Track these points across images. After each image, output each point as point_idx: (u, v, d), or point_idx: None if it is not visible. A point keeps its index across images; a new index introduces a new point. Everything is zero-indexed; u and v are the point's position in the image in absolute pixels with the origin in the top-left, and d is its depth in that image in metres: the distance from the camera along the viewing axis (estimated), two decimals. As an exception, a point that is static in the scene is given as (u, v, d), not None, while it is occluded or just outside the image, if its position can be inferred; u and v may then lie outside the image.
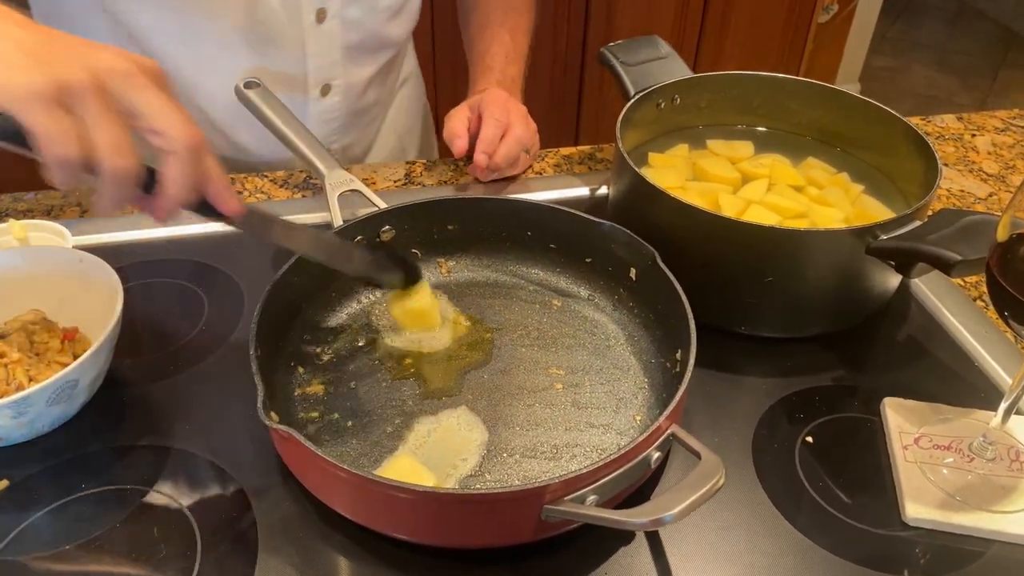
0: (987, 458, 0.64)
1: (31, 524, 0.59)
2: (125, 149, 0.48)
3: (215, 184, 0.53)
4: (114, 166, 0.48)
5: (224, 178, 0.54)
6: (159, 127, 0.49)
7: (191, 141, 0.50)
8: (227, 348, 0.74)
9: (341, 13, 0.95)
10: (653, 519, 0.51)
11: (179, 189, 0.50)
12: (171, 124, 0.49)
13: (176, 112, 0.50)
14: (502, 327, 0.75)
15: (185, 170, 0.50)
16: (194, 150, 0.50)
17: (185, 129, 0.50)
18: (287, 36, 0.93)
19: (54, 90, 0.46)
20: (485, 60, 1.03)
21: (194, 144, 0.50)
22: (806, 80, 0.92)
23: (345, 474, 0.53)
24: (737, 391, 0.72)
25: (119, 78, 0.48)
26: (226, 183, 0.54)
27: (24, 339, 0.66)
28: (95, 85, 0.47)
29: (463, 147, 0.91)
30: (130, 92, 0.49)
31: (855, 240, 0.69)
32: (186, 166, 0.50)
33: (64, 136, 0.46)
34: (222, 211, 0.54)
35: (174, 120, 0.49)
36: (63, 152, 0.47)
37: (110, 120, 0.48)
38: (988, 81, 3.64)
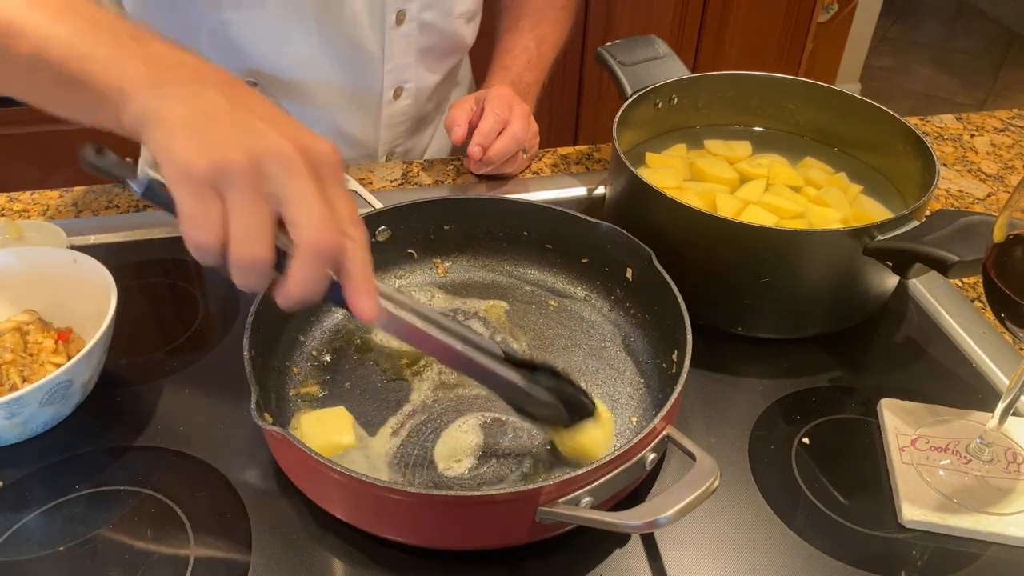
0: (984, 460, 0.63)
1: (24, 525, 0.59)
2: (258, 239, 0.46)
3: (350, 284, 0.49)
4: (242, 255, 0.46)
5: (362, 280, 0.49)
6: (296, 219, 0.46)
7: (320, 243, 0.46)
8: (221, 349, 0.74)
9: (419, 16, 0.96)
10: (648, 521, 0.51)
11: (299, 285, 0.47)
12: (308, 220, 0.46)
13: (319, 208, 0.47)
14: (498, 328, 0.75)
15: (308, 270, 0.47)
16: (320, 254, 0.47)
17: (319, 229, 0.46)
18: (368, 38, 0.94)
19: (208, 173, 0.45)
20: (504, 61, 1.03)
21: (322, 247, 0.47)
22: (804, 80, 0.92)
23: (339, 476, 0.53)
24: (733, 392, 0.71)
25: (277, 163, 0.46)
26: (362, 286, 0.49)
27: (18, 339, 0.66)
28: (250, 169, 0.45)
29: (461, 136, 0.91)
30: (283, 179, 0.46)
31: (852, 241, 0.69)
32: (310, 266, 0.47)
33: (203, 220, 0.45)
34: (354, 315, 0.50)
35: (313, 216, 0.46)
36: (198, 236, 0.46)
37: (252, 208, 0.46)
38: (988, 81, 3.64)
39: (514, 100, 0.95)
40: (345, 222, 0.48)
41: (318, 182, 0.47)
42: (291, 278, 0.47)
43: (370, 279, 0.49)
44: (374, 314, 0.50)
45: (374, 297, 0.50)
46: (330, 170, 0.48)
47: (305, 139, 0.48)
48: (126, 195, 0.95)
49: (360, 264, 0.49)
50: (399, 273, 0.80)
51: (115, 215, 0.92)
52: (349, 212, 0.49)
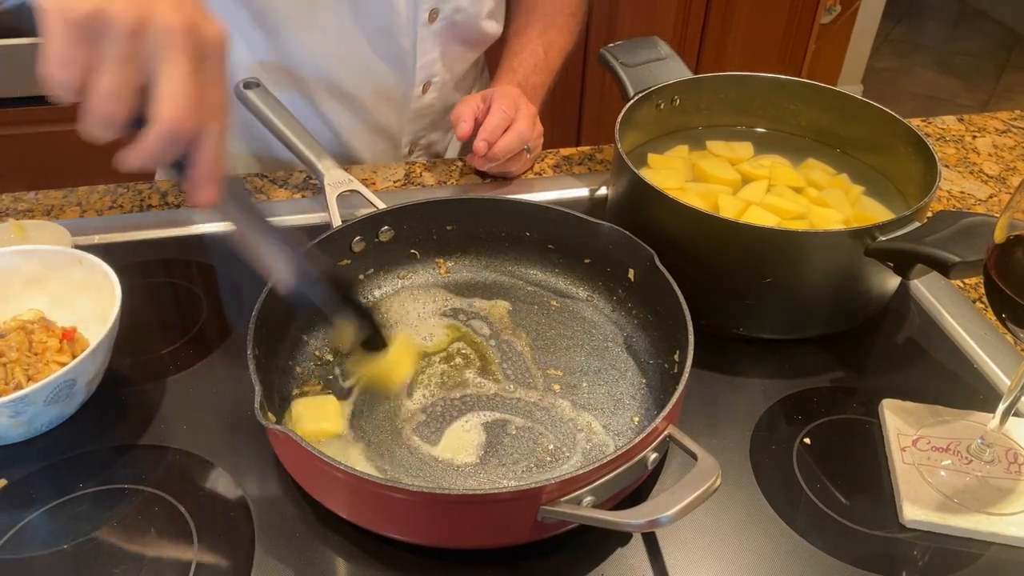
0: (985, 460, 0.64)
1: (29, 523, 0.59)
2: (117, 99, 0.46)
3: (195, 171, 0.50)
4: (98, 109, 0.46)
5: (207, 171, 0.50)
6: (160, 96, 0.47)
7: (177, 124, 0.47)
8: (225, 348, 0.74)
9: (451, 16, 0.97)
10: (649, 520, 0.51)
11: (144, 156, 0.48)
12: (167, 98, 0.47)
13: (182, 91, 0.47)
14: (501, 328, 0.75)
15: (157, 145, 0.47)
16: (174, 134, 0.47)
17: (173, 111, 0.47)
18: (402, 34, 0.96)
19: (87, 19, 0.45)
20: (512, 63, 1.05)
21: (177, 129, 0.47)
22: (806, 81, 0.92)
23: (342, 474, 0.53)
24: (735, 392, 0.72)
25: (160, 34, 0.46)
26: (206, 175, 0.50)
27: (23, 338, 0.66)
28: (131, 31, 0.45)
29: (467, 131, 0.92)
30: (161, 51, 0.46)
31: (854, 241, 0.69)
32: (159, 143, 0.47)
33: (67, 63, 0.45)
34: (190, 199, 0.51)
35: (172, 96, 0.47)
36: (57, 75, 0.45)
37: (121, 68, 0.46)
38: (991, 83, 3.64)
39: (521, 99, 0.96)
40: (210, 110, 0.49)
41: (195, 64, 0.47)
42: (138, 147, 0.48)
43: (215, 169, 0.50)
44: (210, 203, 0.51)
45: (212, 189, 0.51)
46: (212, 55, 0.49)
47: (196, 18, 0.48)
48: (130, 195, 0.95)
49: (210, 153, 0.50)
50: (402, 273, 0.80)
51: (119, 215, 0.92)
52: (217, 100, 0.49)
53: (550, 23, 1.08)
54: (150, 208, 0.93)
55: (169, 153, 0.48)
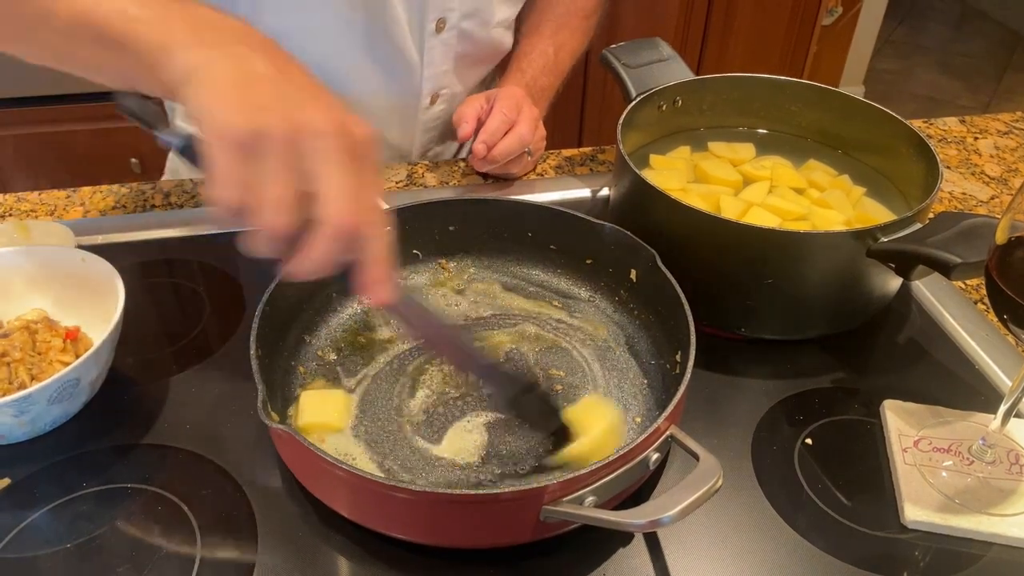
0: (986, 461, 0.64)
1: (32, 523, 0.59)
2: (282, 209, 0.46)
3: (370, 268, 0.50)
4: (264, 223, 0.47)
5: (378, 270, 0.50)
6: (325, 196, 0.47)
7: (345, 223, 0.47)
8: (228, 348, 0.74)
9: (459, 25, 0.97)
10: (651, 520, 0.51)
11: (313, 260, 0.48)
12: (334, 198, 0.47)
13: (345, 190, 0.47)
14: (503, 328, 0.75)
15: (327, 246, 0.47)
16: (343, 232, 0.47)
17: (339, 210, 0.47)
18: (409, 45, 0.95)
19: (247, 136, 0.45)
20: (521, 64, 1.04)
21: (346, 227, 0.47)
22: (808, 82, 0.92)
23: (344, 474, 0.53)
24: (737, 393, 0.72)
25: (314, 139, 0.47)
26: (377, 275, 0.50)
27: (26, 338, 0.67)
28: (288, 140, 0.46)
29: (468, 132, 0.92)
30: (317, 155, 0.47)
31: (855, 242, 0.69)
32: (329, 243, 0.47)
33: (233, 184, 0.46)
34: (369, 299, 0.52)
35: (340, 195, 0.47)
36: (224, 195, 0.46)
37: (283, 178, 0.46)
38: (992, 84, 3.64)
39: (524, 102, 0.95)
40: (371, 206, 0.49)
41: (352, 164, 0.48)
42: (308, 251, 0.48)
43: (388, 265, 0.50)
44: (391, 300, 0.51)
45: (388, 288, 0.51)
46: (365, 153, 0.49)
47: (346, 119, 0.48)
48: (133, 195, 0.95)
49: (380, 248, 0.49)
50: (404, 274, 0.80)
51: (122, 215, 0.92)
52: (375, 198, 0.49)
53: (563, 24, 1.08)
54: (153, 208, 0.94)
55: (338, 254, 0.48)
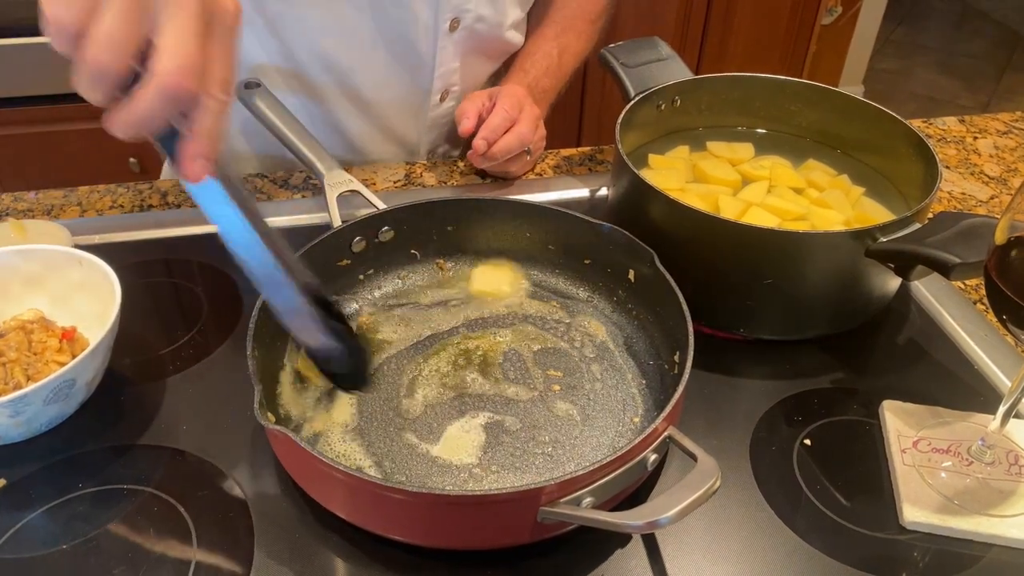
0: (985, 462, 0.63)
1: (28, 523, 0.59)
2: (115, 48, 0.43)
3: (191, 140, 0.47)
4: (95, 57, 0.43)
5: (201, 143, 0.47)
6: (163, 49, 0.44)
7: (177, 82, 0.44)
8: (225, 348, 0.74)
9: (472, 25, 0.97)
10: (648, 521, 0.51)
11: (135, 114, 0.44)
12: (169, 52, 0.43)
13: (187, 48, 0.44)
14: (501, 328, 0.75)
15: (152, 103, 0.44)
16: (173, 92, 0.44)
17: (174, 67, 0.43)
18: (422, 43, 0.96)
19: None
20: (524, 64, 1.04)
21: (177, 87, 0.44)
22: (807, 82, 0.92)
23: (341, 475, 0.53)
24: (735, 393, 0.72)
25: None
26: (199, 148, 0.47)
27: (22, 338, 0.66)
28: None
29: (469, 127, 0.92)
30: (168, 8, 0.43)
31: (854, 242, 0.69)
32: (155, 100, 0.44)
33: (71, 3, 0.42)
34: (180, 171, 0.48)
35: (176, 51, 0.43)
36: (58, 12, 0.42)
37: (126, 16, 0.43)
38: (992, 84, 3.64)
39: (526, 101, 0.95)
40: (215, 80, 0.46)
41: (204, 28, 0.45)
42: (130, 103, 0.44)
43: (211, 144, 0.47)
44: (197, 178, 0.48)
45: (208, 162, 0.47)
46: (224, 24, 0.46)
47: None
48: (130, 195, 0.95)
49: (207, 124, 0.46)
50: (402, 274, 0.80)
51: (119, 215, 0.92)
52: (223, 73, 0.46)
53: (568, 26, 1.08)
54: (150, 208, 0.93)
55: (162, 113, 0.45)
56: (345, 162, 1.05)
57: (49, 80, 1.78)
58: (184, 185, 0.47)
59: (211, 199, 0.50)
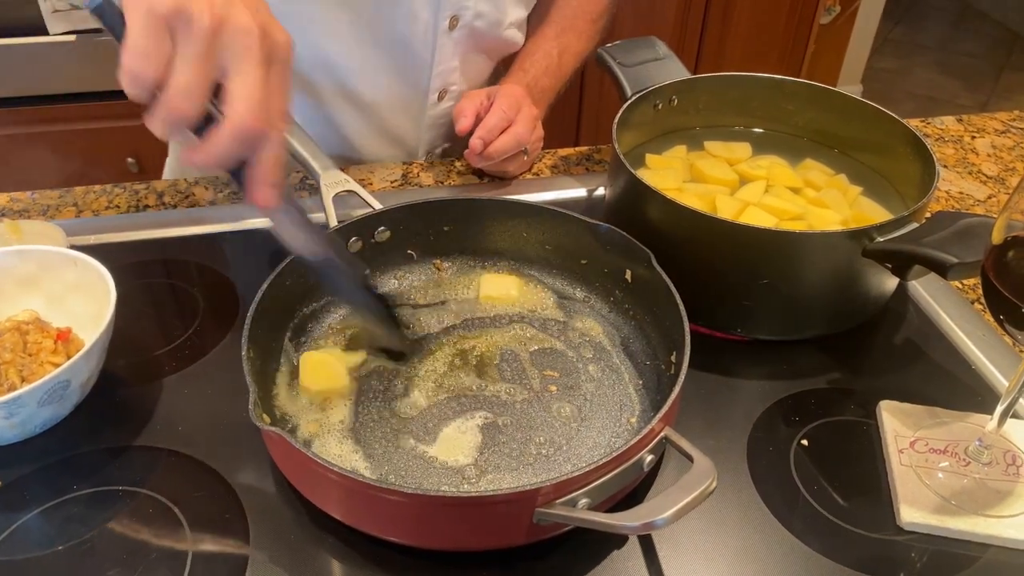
0: (983, 462, 0.63)
1: (23, 525, 0.59)
2: (192, 96, 0.48)
3: (259, 169, 0.52)
4: (173, 104, 0.48)
5: (270, 173, 0.52)
6: (235, 94, 0.49)
7: (249, 123, 0.49)
8: (220, 349, 0.74)
9: (471, 23, 0.97)
10: (644, 523, 0.50)
11: (212, 155, 0.50)
12: (241, 97, 0.49)
13: (256, 91, 0.49)
14: (498, 329, 0.75)
15: (228, 144, 0.49)
16: (246, 133, 0.49)
17: (247, 110, 0.49)
18: (420, 41, 0.96)
19: (170, 15, 0.46)
20: (524, 63, 1.04)
21: (249, 127, 0.49)
22: (804, 81, 0.92)
23: (336, 476, 0.53)
24: (733, 394, 0.71)
25: (235, 35, 0.48)
26: (268, 177, 0.52)
27: (17, 339, 0.66)
28: (211, 29, 0.47)
29: (467, 126, 0.91)
30: (235, 52, 0.48)
31: (851, 242, 0.69)
32: (230, 141, 0.49)
33: (148, 56, 0.47)
34: (252, 199, 0.53)
35: (247, 96, 0.49)
36: (137, 67, 0.47)
37: (198, 65, 0.48)
38: (990, 83, 3.64)
39: (524, 101, 0.95)
40: (277, 113, 0.51)
41: (267, 67, 0.49)
42: (208, 144, 0.49)
43: (278, 171, 0.52)
44: (272, 204, 0.53)
45: (276, 189, 0.53)
46: (281, 59, 0.51)
47: (269, 25, 0.50)
48: (126, 195, 0.95)
49: (275, 154, 0.52)
50: (399, 274, 0.80)
51: (115, 215, 0.92)
52: (281, 106, 0.51)
53: (568, 26, 1.08)
54: (147, 208, 0.93)
55: (237, 153, 0.50)
56: (344, 161, 1.06)
57: (47, 80, 1.78)
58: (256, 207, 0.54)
59: (280, 221, 0.58)
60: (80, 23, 1.73)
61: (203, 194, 0.95)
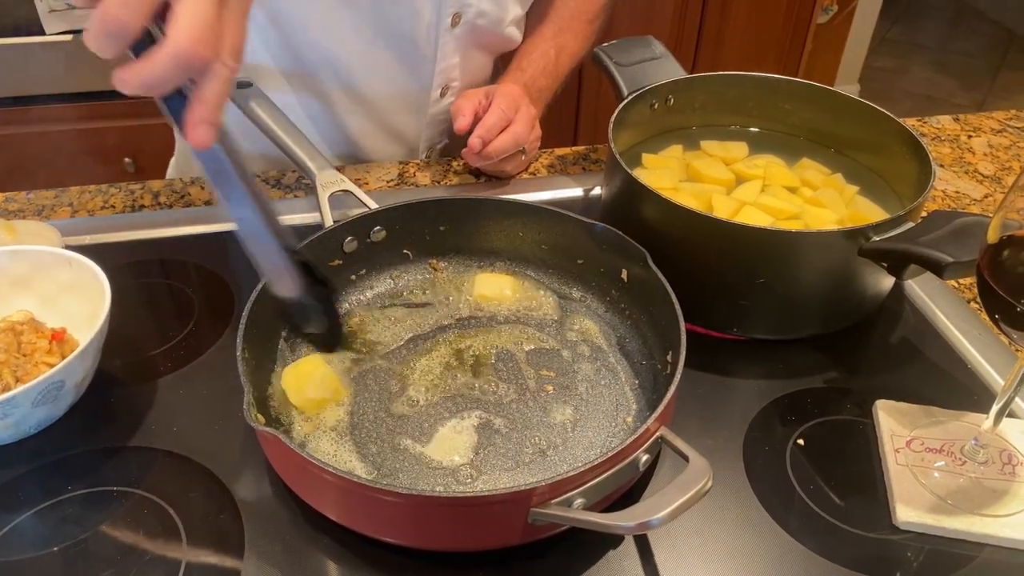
0: (979, 461, 0.63)
1: (17, 526, 0.59)
2: (135, 6, 0.44)
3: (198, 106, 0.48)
4: (110, 14, 0.44)
5: (209, 108, 0.48)
6: (180, 16, 0.45)
7: (191, 50, 0.45)
8: (216, 350, 0.74)
9: (473, 21, 0.97)
10: (640, 523, 0.50)
11: (148, 75, 0.45)
12: (186, 17, 0.44)
13: (203, 16, 0.45)
14: (494, 328, 0.75)
15: (165, 67, 0.45)
16: (187, 59, 0.45)
17: (189, 32, 0.44)
18: (422, 37, 0.96)
19: None
20: (521, 63, 1.04)
21: (191, 54, 0.45)
22: (800, 80, 0.91)
23: (331, 476, 0.53)
24: (729, 393, 0.71)
25: None
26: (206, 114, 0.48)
27: (12, 339, 0.66)
28: None
29: (465, 125, 0.91)
30: None
31: (847, 242, 0.69)
32: (168, 64, 0.45)
33: None
34: (184, 135, 0.49)
35: (192, 17, 0.45)
36: None
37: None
38: (987, 82, 3.64)
39: (522, 100, 0.95)
40: (226, 48, 0.47)
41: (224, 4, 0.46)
42: (145, 64, 0.45)
43: (218, 110, 0.48)
44: (205, 144, 0.49)
45: (213, 129, 0.48)
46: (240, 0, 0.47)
47: None
48: (122, 195, 0.95)
49: (216, 90, 0.47)
50: (395, 274, 0.80)
51: (110, 215, 0.92)
52: (234, 41, 0.48)
53: (565, 26, 1.08)
54: (142, 208, 0.93)
55: (173, 78, 0.46)
56: (346, 159, 1.06)
57: (43, 80, 1.78)
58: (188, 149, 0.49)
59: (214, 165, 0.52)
60: (77, 23, 1.73)
61: (199, 194, 0.95)
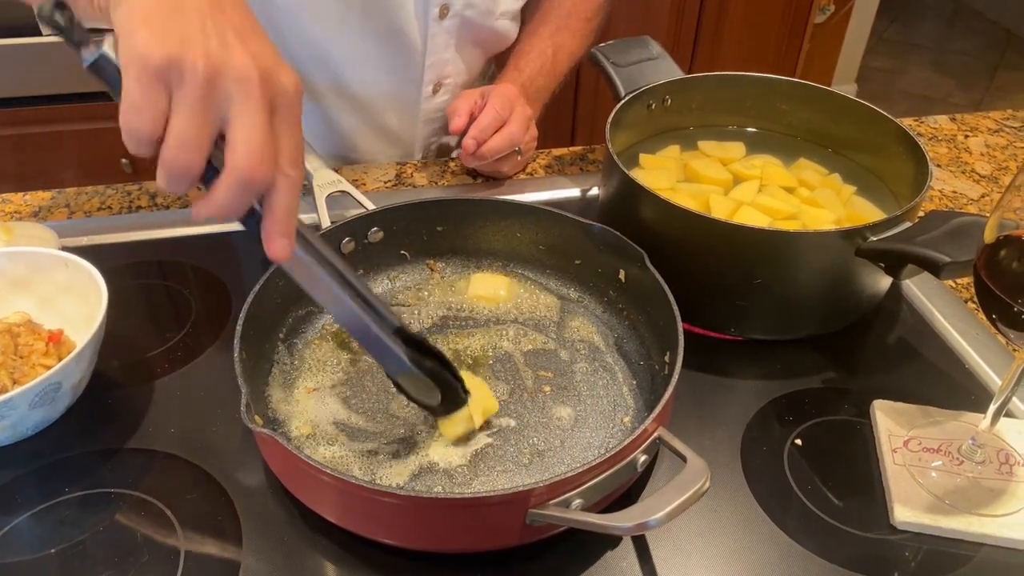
0: (976, 461, 0.63)
1: (14, 528, 0.59)
2: (190, 148, 0.45)
3: (270, 221, 0.49)
4: (173, 159, 0.46)
5: (282, 220, 0.49)
6: (235, 142, 0.46)
7: (250, 172, 0.46)
8: (213, 351, 0.74)
9: (462, 12, 0.97)
10: (637, 524, 0.50)
11: (217, 206, 0.47)
12: (240, 143, 0.46)
13: (256, 137, 0.46)
14: (491, 329, 0.75)
15: (231, 194, 0.47)
16: (248, 181, 0.46)
17: (246, 157, 0.46)
18: (412, 30, 0.96)
19: (163, 66, 0.44)
20: (519, 62, 1.03)
21: (251, 176, 0.46)
22: (797, 81, 0.92)
23: (328, 478, 0.53)
24: (726, 393, 0.71)
25: (234, 83, 0.45)
26: (280, 226, 0.49)
27: (8, 341, 0.66)
28: (206, 79, 0.45)
29: (460, 125, 0.91)
30: (235, 100, 0.46)
31: (844, 242, 0.69)
32: (233, 191, 0.46)
33: (144, 110, 0.45)
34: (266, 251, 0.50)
35: (246, 142, 0.46)
36: (134, 123, 0.45)
37: (195, 116, 0.45)
38: (985, 82, 3.64)
39: (517, 101, 0.95)
40: (285, 159, 0.48)
41: (269, 113, 0.47)
42: (212, 196, 0.47)
43: (290, 220, 0.49)
44: (285, 256, 0.49)
45: (289, 240, 0.49)
46: (286, 103, 0.48)
47: (271, 65, 0.47)
48: (118, 196, 0.95)
49: (284, 203, 0.48)
50: (392, 275, 0.80)
51: (107, 216, 0.91)
52: (291, 150, 0.48)
53: (562, 25, 1.07)
54: (139, 209, 0.93)
55: (242, 202, 0.47)
56: (341, 160, 1.05)
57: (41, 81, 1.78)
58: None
59: (300, 270, 0.54)
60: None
61: (196, 196, 0.95)
